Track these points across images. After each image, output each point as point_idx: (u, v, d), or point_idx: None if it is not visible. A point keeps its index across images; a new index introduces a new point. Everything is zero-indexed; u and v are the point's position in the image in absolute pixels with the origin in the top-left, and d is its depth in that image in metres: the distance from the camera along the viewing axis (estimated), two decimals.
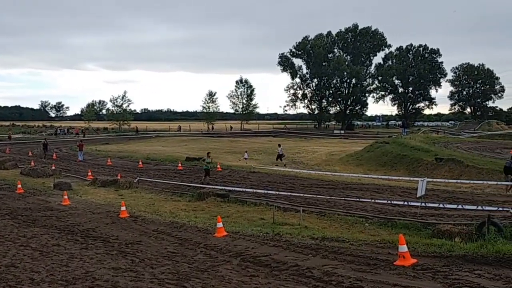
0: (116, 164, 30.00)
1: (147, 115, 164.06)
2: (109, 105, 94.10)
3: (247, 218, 13.68)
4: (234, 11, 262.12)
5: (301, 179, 22.80)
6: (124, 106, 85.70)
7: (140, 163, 29.13)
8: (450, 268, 7.04)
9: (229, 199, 16.59)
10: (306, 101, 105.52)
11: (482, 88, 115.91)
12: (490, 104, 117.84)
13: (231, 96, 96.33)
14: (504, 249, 7.49)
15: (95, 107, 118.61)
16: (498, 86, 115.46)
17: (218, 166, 26.01)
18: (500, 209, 13.02)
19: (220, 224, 11.02)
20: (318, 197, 16.97)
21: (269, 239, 10.20)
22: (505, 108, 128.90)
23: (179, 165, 27.31)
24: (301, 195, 17.16)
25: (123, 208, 14.00)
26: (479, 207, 13.28)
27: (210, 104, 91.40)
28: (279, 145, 34.49)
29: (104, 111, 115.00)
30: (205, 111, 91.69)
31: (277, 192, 17.58)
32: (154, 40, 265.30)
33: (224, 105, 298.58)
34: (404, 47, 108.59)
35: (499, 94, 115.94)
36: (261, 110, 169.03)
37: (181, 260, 8.88)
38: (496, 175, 21.50)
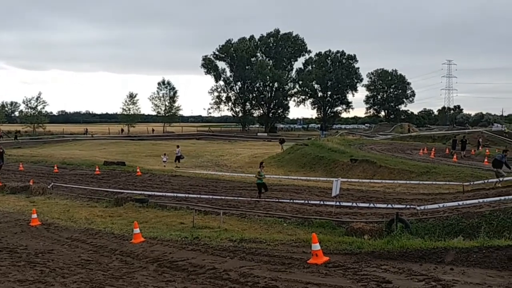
0: (28, 169, 28.25)
1: (64, 118, 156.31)
2: (22, 107, 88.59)
3: (166, 223, 13.48)
4: (157, 12, 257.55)
5: (224, 181, 22.85)
6: (39, 108, 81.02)
7: (55, 168, 27.68)
8: (360, 265, 7.40)
9: (148, 204, 16.24)
10: (230, 103, 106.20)
11: (395, 92, 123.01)
12: (402, 107, 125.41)
13: (153, 98, 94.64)
14: (408, 244, 8.00)
15: (6, 108, 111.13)
16: (409, 91, 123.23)
17: (138, 170, 25.37)
18: (408, 206, 13.88)
19: (137, 230, 10.76)
20: (240, 199, 17.11)
21: (188, 243, 10.13)
22: (416, 112, 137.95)
23: (97, 169, 26.32)
24: (223, 197, 17.22)
25: (34, 215, 13.21)
26: (389, 205, 14.08)
27: (131, 106, 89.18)
28: (178, 146, 34.35)
29: (16, 113, 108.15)
30: (125, 113, 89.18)
31: (199, 196, 17.54)
32: (74, 39, 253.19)
33: (146, 107, 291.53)
34: (323, 52, 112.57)
35: (410, 99, 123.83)
36: (185, 112, 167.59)
37: (95, 268, 8.57)
38: (406, 174, 22.92)
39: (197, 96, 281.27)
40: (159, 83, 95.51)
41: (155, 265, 8.62)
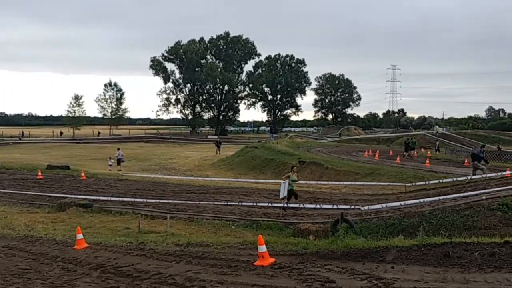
0: None
1: (4, 120, 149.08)
2: None
3: (111, 228, 13.12)
4: (105, 12, 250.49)
5: (172, 185, 22.56)
6: None
7: None
8: (305, 265, 7.50)
9: (92, 209, 15.75)
10: (179, 106, 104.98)
11: (342, 96, 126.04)
12: (349, 111, 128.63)
13: (99, 100, 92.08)
14: (351, 244, 8.20)
15: None
16: (355, 95, 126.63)
17: (83, 174, 24.58)
18: (353, 207, 14.24)
19: (80, 236, 10.40)
20: (188, 202, 16.94)
21: (133, 248, 9.90)
22: (362, 115, 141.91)
23: (39, 174, 25.26)
24: (171, 201, 16.99)
25: None
26: (335, 206, 14.38)
27: (76, 108, 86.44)
28: (118, 149, 33.74)
29: None
30: (70, 115, 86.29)
31: (145, 200, 17.22)
32: (16, 38, 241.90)
33: (92, 109, 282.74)
34: (272, 56, 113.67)
35: (357, 102, 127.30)
36: (133, 114, 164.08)
37: (34, 277, 8.19)
38: (352, 176, 23.50)
39: (146, 98, 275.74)
40: (105, 85, 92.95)
41: (99, 271, 8.36)
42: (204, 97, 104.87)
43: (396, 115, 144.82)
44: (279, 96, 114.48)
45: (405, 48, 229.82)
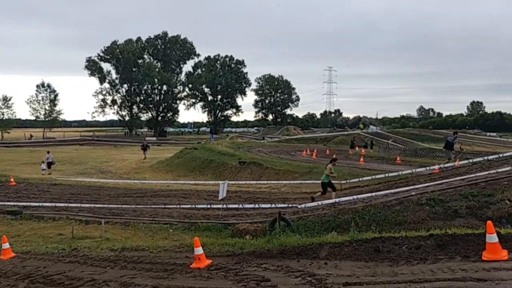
0: None
1: None
2: None
3: (42, 235, 12.55)
4: (37, 8, 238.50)
5: (107, 189, 21.89)
6: None
7: None
8: (241, 265, 7.51)
9: (22, 215, 14.99)
10: (116, 107, 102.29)
11: (282, 97, 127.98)
12: (288, 111, 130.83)
13: (31, 101, 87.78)
14: (286, 242, 8.32)
15: None
16: (294, 96, 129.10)
17: (12, 179, 23.28)
18: (290, 205, 14.47)
19: (6, 245, 9.83)
20: (124, 206, 16.52)
21: (65, 255, 9.50)
22: (300, 115, 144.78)
23: None
24: (106, 206, 16.51)
25: None
26: (273, 205, 14.56)
27: (5, 110, 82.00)
28: (48, 152, 32.53)
29: None
30: None
31: (80, 205, 16.63)
32: None
33: (24, 112, 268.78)
34: (212, 56, 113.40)
35: (296, 103, 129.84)
36: (68, 116, 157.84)
37: None
38: (291, 175, 23.89)
39: (81, 99, 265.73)
40: (38, 86, 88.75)
41: (27, 281, 7.95)
42: (142, 98, 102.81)
43: (332, 115, 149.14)
44: (219, 96, 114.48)
45: (340, 50, 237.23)
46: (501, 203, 10.63)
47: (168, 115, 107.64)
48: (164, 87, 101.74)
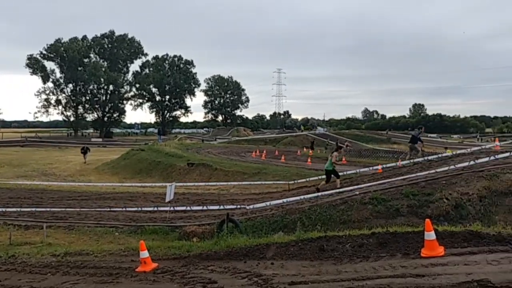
0: None
1: None
2: None
3: None
4: None
5: (51, 192, 21.07)
6: None
7: None
8: (188, 268, 7.46)
9: None
10: (60, 107, 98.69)
11: (231, 98, 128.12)
12: (238, 112, 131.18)
13: None
14: (234, 243, 8.33)
15: None
16: (244, 97, 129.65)
17: None
18: (239, 206, 14.50)
19: None
20: (68, 210, 15.95)
21: (1, 263, 9.05)
22: (250, 116, 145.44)
23: None
24: (49, 209, 15.88)
25: None
26: (222, 207, 14.53)
27: None
28: None
29: None
30: None
31: (19, 209, 15.89)
32: None
33: None
34: (160, 56, 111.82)
35: (245, 104, 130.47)
36: (7, 116, 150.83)
37: None
38: (240, 176, 23.92)
39: (22, 98, 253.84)
40: None
41: None
42: (88, 98, 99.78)
43: (282, 116, 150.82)
44: (167, 97, 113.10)
45: (289, 52, 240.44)
46: (440, 201, 11.12)
47: (115, 115, 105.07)
48: (111, 87, 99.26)
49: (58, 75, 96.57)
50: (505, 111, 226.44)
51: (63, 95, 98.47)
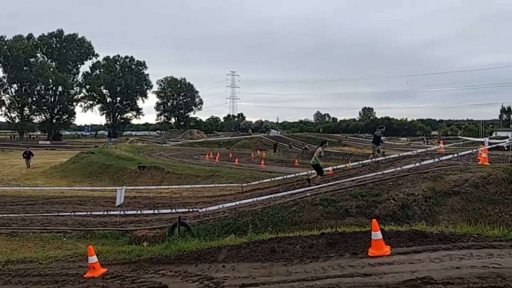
0: None
1: None
2: None
3: None
4: None
5: None
6: None
7: None
8: (138, 272, 7.33)
9: None
10: (4, 108, 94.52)
11: (185, 100, 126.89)
12: (191, 114, 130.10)
13: None
14: (185, 247, 8.27)
15: None
16: (198, 99, 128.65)
17: None
18: (191, 210, 14.37)
19: None
20: (11, 215, 15.29)
21: None
22: (204, 119, 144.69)
23: None
24: None
25: None
26: (174, 210, 14.36)
27: None
28: None
29: None
30: None
31: None
32: None
33: None
34: (111, 57, 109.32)
35: (199, 106, 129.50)
36: None
37: None
38: (193, 179, 23.75)
39: None
40: None
41: None
42: (34, 99, 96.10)
43: (236, 119, 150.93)
44: (118, 98, 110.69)
45: (243, 55, 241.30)
46: (387, 202, 11.50)
47: (64, 117, 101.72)
48: (60, 88, 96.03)
49: (1, 74, 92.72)
50: (450, 114, 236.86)
51: (7, 95, 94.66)
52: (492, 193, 11.71)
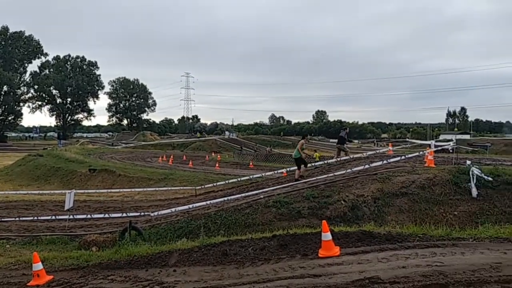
0: None
1: None
2: None
3: None
4: None
5: None
6: None
7: None
8: (86, 278, 7.14)
9: None
10: None
11: (137, 101, 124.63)
12: (144, 116, 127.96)
13: None
14: (135, 251, 8.13)
15: None
16: (151, 100, 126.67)
17: None
18: (143, 214, 14.14)
19: None
20: None
21: None
22: (157, 121, 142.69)
23: None
24: None
25: None
26: (125, 214, 14.07)
27: None
28: None
29: None
30: None
31: None
32: None
33: None
34: (61, 56, 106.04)
35: (152, 108, 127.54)
36: None
37: None
38: (145, 182, 23.40)
39: None
40: None
41: None
42: None
43: (190, 121, 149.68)
44: (69, 99, 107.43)
45: (198, 56, 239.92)
46: (338, 203, 11.73)
47: (9, 118, 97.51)
48: (5, 88, 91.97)
49: None
50: (400, 118, 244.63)
51: None
52: (437, 194, 12.16)
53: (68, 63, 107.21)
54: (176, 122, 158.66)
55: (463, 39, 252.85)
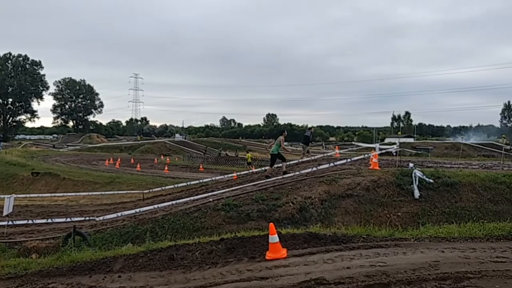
0: None
1: None
2: None
3: None
4: None
5: None
6: None
7: None
8: (25, 287, 6.85)
9: None
10: None
11: (84, 102, 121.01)
12: (91, 118, 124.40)
13: None
14: (78, 257, 7.87)
15: None
16: (98, 102, 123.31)
17: None
18: (88, 218, 13.73)
19: None
20: None
21: None
22: (104, 122, 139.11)
23: None
24: None
25: None
26: (69, 219, 13.61)
27: None
28: None
29: None
30: None
31: None
32: None
33: None
34: (2, 55, 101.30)
35: (99, 109, 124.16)
36: None
37: None
38: (91, 186, 22.76)
39: None
40: None
41: None
42: None
43: (139, 123, 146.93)
44: (10, 100, 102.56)
45: (147, 57, 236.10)
46: (286, 205, 11.86)
47: None
48: None
49: None
50: (348, 121, 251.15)
51: None
52: (381, 196, 12.55)
53: (10, 62, 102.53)
54: (124, 124, 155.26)
55: (406, 46, 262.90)
